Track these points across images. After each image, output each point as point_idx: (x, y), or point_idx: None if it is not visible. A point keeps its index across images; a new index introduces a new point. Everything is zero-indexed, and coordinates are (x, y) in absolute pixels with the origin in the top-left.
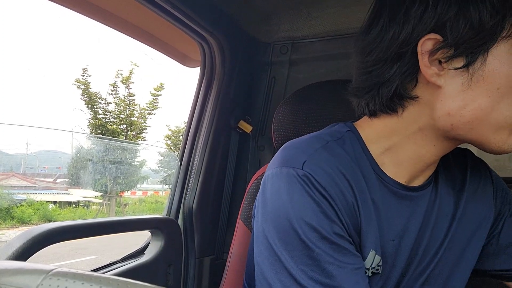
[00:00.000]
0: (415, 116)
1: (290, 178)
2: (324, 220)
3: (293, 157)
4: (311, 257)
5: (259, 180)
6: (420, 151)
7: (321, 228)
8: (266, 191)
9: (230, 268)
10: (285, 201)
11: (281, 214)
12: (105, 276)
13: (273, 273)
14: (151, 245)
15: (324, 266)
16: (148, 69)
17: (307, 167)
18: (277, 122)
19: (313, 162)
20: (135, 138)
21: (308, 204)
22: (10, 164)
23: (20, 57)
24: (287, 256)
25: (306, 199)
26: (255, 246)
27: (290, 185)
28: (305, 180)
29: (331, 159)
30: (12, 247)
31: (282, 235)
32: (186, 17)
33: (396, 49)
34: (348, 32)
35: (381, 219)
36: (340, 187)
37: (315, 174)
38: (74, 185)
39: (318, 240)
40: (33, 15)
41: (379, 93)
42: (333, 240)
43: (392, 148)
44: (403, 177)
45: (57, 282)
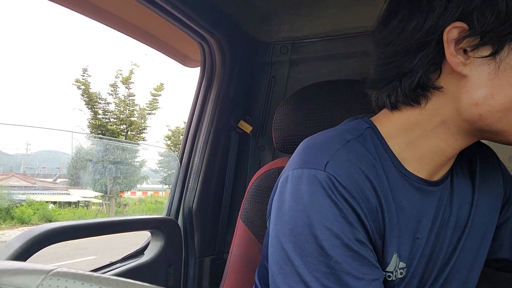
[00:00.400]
0: (439, 107)
1: (312, 180)
2: (346, 226)
3: (315, 158)
4: (327, 264)
5: (259, 180)
6: (441, 145)
7: (343, 234)
8: (284, 192)
9: (230, 268)
10: (305, 204)
11: (299, 217)
12: (105, 276)
13: (282, 277)
14: (151, 245)
15: (340, 275)
16: (148, 69)
17: (329, 169)
18: (277, 122)
19: (336, 163)
20: (135, 138)
21: (330, 209)
22: (10, 164)
23: (20, 57)
24: (301, 261)
25: (328, 203)
26: (270, 247)
27: (311, 188)
28: (328, 183)
29: (353, 159)
30: (12, 247)
31: (297, 239)
32: (186, 17)
33: (420, 39)
34: (349, 32)
35: (405, 218)
36: (364, 190)
37: (338, 177)
38: (74, 185)
39: (338, 247)
40: (33, 15)
41: (402, 84)
42: (354, 247)
43: (413, 143)
44: (424, 172)
45: (57, 282)
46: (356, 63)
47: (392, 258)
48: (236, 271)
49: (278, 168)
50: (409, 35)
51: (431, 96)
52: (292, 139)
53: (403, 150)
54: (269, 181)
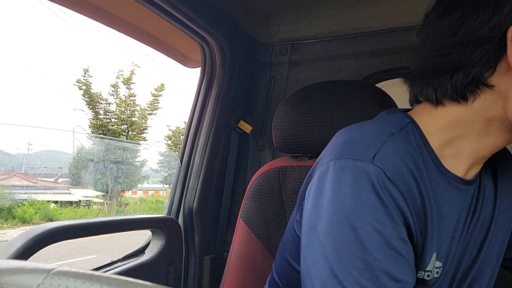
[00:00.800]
0: (487, 106)
1: (358, 172)
2: (389, 223)
3: (360, 150)
4: (364, 260)
5: (260, 179)
6: (481, 143)
7: (386, 231)
8: (324, 183)
9: (230, 267)
10: (347, 196)
11: (340, 209)
12: (106, 275)
13: (314, 269)
14: (151, 244)
15: (377, 273)
16: (149, 70)
17: (378, 162)
18: (277, 122)
19: (384, 157)
20: (136, 138)
21: (375, 204)
22: (11, 164)
23: (21, 58)
24: (335, 254)
25: (373, 197)
26: (304, 239)
27: (356, 180)
28: (377, 176)
29: (400, 153)
30: (13, 247)
31: (334, 231)
32: (186, 18)
33: (483, 34)
34: (348, 33)
35: (444, 216)
36: (410, 187)
37: (386, 171)
38: (75, 184)
39: (379, 244)
40: (33, 15)
41: (453, 78)
42: (396, 246)
43: (454, 140)
44: (461, 171)
45: (58, 281)
46: (355, 63)
47: (432, 257)
48: (237, 270)
49: (278, 168)
50: (471, 29)
51: (480, 94)
52: (292, 139)
53: (442, 147)
54: (269, 181)
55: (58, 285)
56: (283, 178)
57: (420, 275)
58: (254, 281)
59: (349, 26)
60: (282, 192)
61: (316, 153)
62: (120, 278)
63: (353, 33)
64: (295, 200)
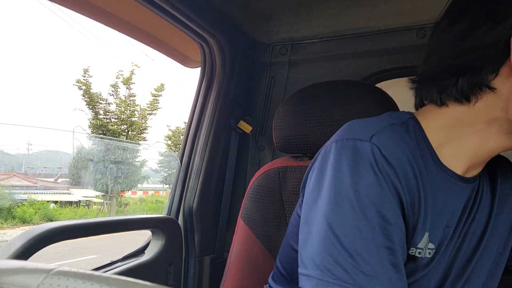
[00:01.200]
0: (488, 107)
1: (356, 150)
2: (382, 196)
3: (361, 131)
4: (358, 228)
5: (260, 179)
6: (480, 144)
7: (379, 201)
8: (326, 161)
9: (230, 267)
10: (346, 171)
11: (339, 183)
12: (106, 275)
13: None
14: (151, 244)
15: (368, 240)
16: (149, 70)
17: (375, 141)
18: (278, 122)
19: (381, 137)
20: (135, 138)
21: (370, 178)
22: (11, 164)
23: (21, 57)
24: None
25: (369, 172)
26: (304, 213)
27: (355, 157)
28: (372, 153)
29: (397, 138)
30: (13, 247)
31: (334, 204)
32: (186, 18)
33: (488, 41)
34: (348, 33)
35: (440, 205)
36: (404, 166)
37: (382, 149)
38: (75, 185)
39: (372, 214)
40: (33, 16)
41: (459, 81)
42: (387, 217)
43: (454, 139)
44: (459, 169)
45: (58, 281)
46: (355, 63)
47: (424, 236)
48: (237, 270)
49: (279, 168)
50: (478, 37)
51: (482, 96)
52: (292, 139)
53: (442, 144)
54: (269, 181)
55: (58, 285)
56: (284, 178)
57: (411, 251)
58: (255, 281)
59: (349, 26)
60: (282, 192)
61: (316, 153)
62: (120, 278)
63: (353, 33)
64: (295, 200)
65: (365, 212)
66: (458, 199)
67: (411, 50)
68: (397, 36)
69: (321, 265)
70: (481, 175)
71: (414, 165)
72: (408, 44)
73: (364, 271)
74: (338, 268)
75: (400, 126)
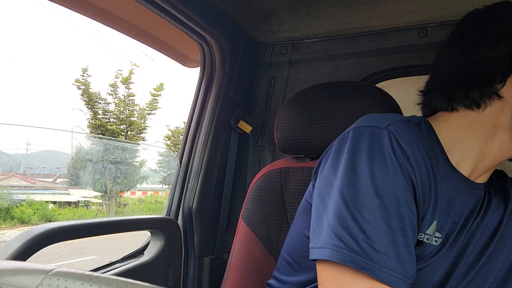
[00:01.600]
0: (496, 113)
1: (373, 135)
2: (395, 178)
3: (378, 120)
4: (372, 206)
5: (261, 180)
6: (486, 149)
7: (393, 184)
8: (343, 146)
9: (231, 268)
10: (362, 155)
11: (355, 165)
12: (105, 276)
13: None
14: (151, 245)
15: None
16: (148, 70)
17: (391, 128)
18: (280, 123)
19: (397, 127)
20: (135, 138)
21: (386, 162)
22: (10, 164)
23: (21, 57)
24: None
25: (385, 156)
26: (317, 195)
27: (371, 142)
28: (389, 139)
29: (411, 132)
30: (11, 247)
31: (349, 183)
32: (186, 17)
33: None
34: (348, 32)
35: (445, 199)
36: (417, 156)
37: (398, 136)
38: (74, 185)
39: (386, 196)
40: (33, 16)
41: (470, 89)
42: (400, 200)
43: (463, 142)
44: (466, 171)
45: (57, 282)
46: (355, 63)
47: (432, 224)
48: (237, 271)
49: (280, 169)
50: (487, 51)
51: (491, 103)
52: (294, 140)
53: (451, 146)
54: (270, 182)
55: (57, 286)
56: (285, 179)
57: (420, 237)
58: (256, 283)
59: (349, 25)
60: (284, 193)
61: (318, 154)
62: (119, 279)
63: (353, 32)
64: (297, 201)
65: (379, 192)
66: (464, 199)
67: (412, 49)
68: (398, 35)
69: (335, 236)
70: (490, 187)
71: (426, 157)
72: (409, 44)
73: (375, 247)
74: (351, 241)
75: (414, 124)
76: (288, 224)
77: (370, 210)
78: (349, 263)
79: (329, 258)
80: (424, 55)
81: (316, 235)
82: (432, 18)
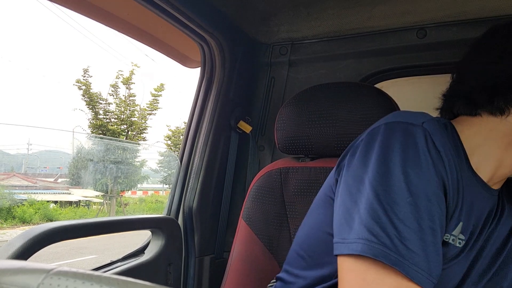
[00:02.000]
0: None
1: (407, 132)
2: (429, 176)
3: (411, 117)
4: (406, 201)
5: (261, 180)
6: (506, 155)
7: (426, 182)
8: (374, 140)
9: (231, 267)
10: (395, 151)
11: (387, 160)
12: (105, 275)
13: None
14: (151, 244)
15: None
16: (149, 70)
17: (426, 126)
18: (280, 123)
19: (432, 126)
20: (135, 138)
21: (418, 158)
22: (11, 164)
23: (20, 57)
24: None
25: (419, 154)
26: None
27: (405, 138)
28: (424, 137)
29: (443, 133)
30: (12, 247)
31: (381, 178)
32: (186, 18)
33: None
34: (348, 33)
35: (468, 202)
36: (449, 156)
37: (432, 135)
38: (75, 185)
39: (419, 193)
40: (33, 16)
41: (495, 97)
42: (432, 199)
43: (483, 146)
44: (485, 177)
45: (58, 281)
46: (355, 63)
47: (458, 225)
48: (238, 270)
49: (280, 169)
50: None
51: None
52: (295, 140)
53: (472, 150)
54: (270, 181)
55: (58, 285)
56: (285, 179)
57: (446, 237)
58: (256, 282)
59: (348, 26)
60: (284, 193)
61: (318, 155)
62: (119, 278)
63: (353, 33)
64: (296, 201)
65: (411, 189)
66: (482, 204)
67: (411, 50)
68: (397, 36)
69: (367, 231)
70: (503, 194)
71: (455, 159)
72: (408, 44)
73: (406, 244)
74: (384, 236)
75: (440, 124)
76: (288, 223)
77: (402, 207)
78: (381, 257)
79: (361, 252)
80: (423, 56)
81: (345, 230)
82: (431, 19)
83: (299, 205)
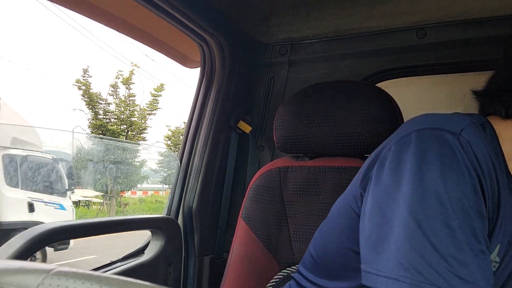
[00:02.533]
0: None
1: (445, 141)
2: (472, 195)
3: (448, 122)
4: (448, 224)
5: (260, 179)
6: None
7: (469, 200)
8: (405, 151)
9: (231, 267)
10: (433, 163)
11: (424, 175)
12: (105, 275)
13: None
14: (151, 244)
15: (459, 237)
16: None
17: (465, 135)
18: (278, 122)
19: (471, 133)
20: (135, 139)
21: (459, 173)
22: None
23: (20, 57)
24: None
25: (459, 167)
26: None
27: (443, 149)
28: (463, 147)
29: (482, 137)
30: (12, 247)
31: (419, 196)
32: (186, 18)
33: None
34: (348, 33)
35: (506, 217)
36: (490, 168)
37: (473, 145)
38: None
39: (461, 212)
40: (33, 16)
41: None
42: (475, 218)
43: None
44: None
45: (58, 281)
46: (355, 63)
47: (496, 248)
48: (237, 270)
49: (279, 168)
50: None
51: None
52: (293, 139)
53: (508, 154)
54: (270, 181)
55: (58, 285)
56: (284, 178)
57: None
58: (255, 281)
59: (348, 26)
60: (283, 193)
61: (317, 154)
62: (119, 278)
63: (352, 33)
64: (296, 200)
65: (455, 210)
66: None
67: (411, 50)
68: (396, 36)
69: (410, 267)
70: None
71: (497, 169)
72: (408, 44)
73: (461, 275)
74: (432, 272)
75: (479, 127)
76: (287, 223)
77: (449, 233)
78: None
79: None
80: (422, 56)
81: (378, 259)
82: (430, 19)
83: (298, 204)
